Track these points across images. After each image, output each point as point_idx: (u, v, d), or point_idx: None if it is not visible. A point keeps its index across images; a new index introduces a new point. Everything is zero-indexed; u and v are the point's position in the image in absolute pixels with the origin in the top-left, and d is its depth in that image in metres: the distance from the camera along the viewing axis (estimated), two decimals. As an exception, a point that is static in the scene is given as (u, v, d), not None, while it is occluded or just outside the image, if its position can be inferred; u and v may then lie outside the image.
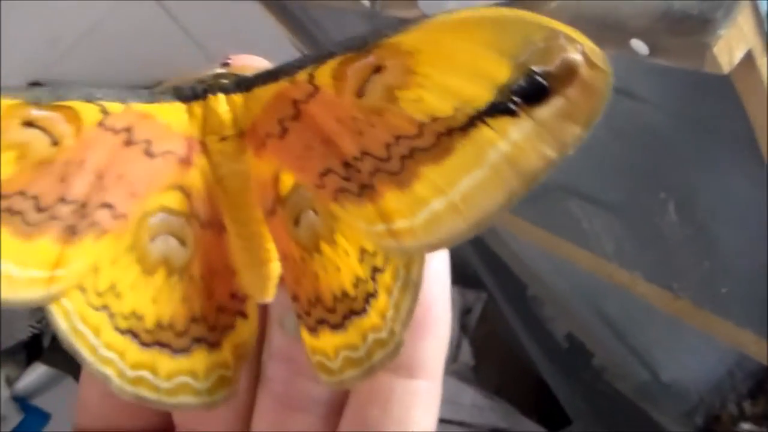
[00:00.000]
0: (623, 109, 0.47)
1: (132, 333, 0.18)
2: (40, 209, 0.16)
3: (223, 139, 0.18)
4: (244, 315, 0.19)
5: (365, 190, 0.16)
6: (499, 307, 0.99)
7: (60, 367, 1.02)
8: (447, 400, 1.00)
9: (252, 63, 0.18)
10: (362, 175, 0.16)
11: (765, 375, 0.80)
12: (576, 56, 0.14)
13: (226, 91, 0.17)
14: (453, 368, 1.08)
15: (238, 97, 0.17)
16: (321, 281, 0.18)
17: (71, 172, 0.16)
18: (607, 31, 0.35)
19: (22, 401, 1.06)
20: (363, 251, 0.17)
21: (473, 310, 1.17)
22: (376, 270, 0.17)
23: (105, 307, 0.18)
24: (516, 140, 0.15)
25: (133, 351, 0.18)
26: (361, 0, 0.51)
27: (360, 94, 0.16)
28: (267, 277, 0.18)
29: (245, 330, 0.19)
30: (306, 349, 0.18)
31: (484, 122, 0.15)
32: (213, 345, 0.18)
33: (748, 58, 0.33)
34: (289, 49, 0.85)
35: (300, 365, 0.18)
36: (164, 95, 0.17)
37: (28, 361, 1.01)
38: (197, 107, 0.17)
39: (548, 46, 0.14)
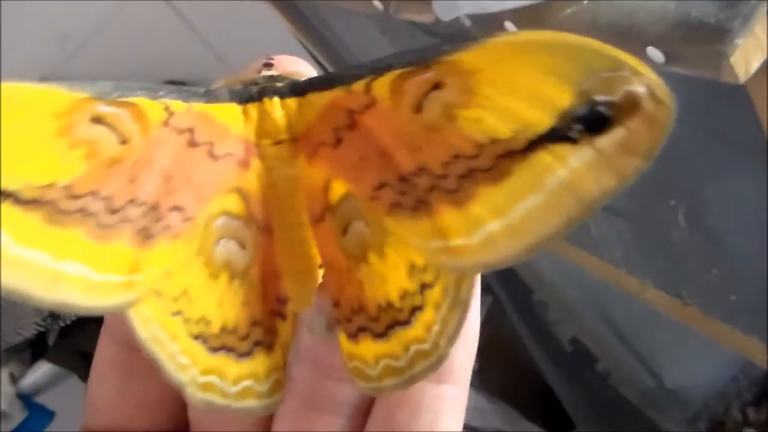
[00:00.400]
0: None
1: (202, 338, 0.18)
2: (112, 211, 0.16)
3: (277, 143, 0.17)
4: (283, 317, 0.19)
5: (421, 206, 0.16)
6: (503, 311, 0.99)
7: (64, 365, 1.02)
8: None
9: (295, 65, 0.18)
10: (418, 191, 0.16)
11: (770, 382, 0.80)
12: (640, 89, 0.14)
13: (281, 94, 0.17)
14: (457, 371, 1.08)
15: (292, 102, 0.17)
16: (366, 291, 0.18)
17: (140, 173, 0.16)
18: (622, 38, 0.35)
19: (26, 399, 1.07)
20: (413, 266, 0.17)
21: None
22: (425, 286, 0.17)
23: (180, 313, 0.17)
24: (575, 168, 0.14)
25: (203, 357, 0.18)
26: (373, 2, 0.51)
27: (418, 109, 0.16)
28: (308, 285, 0.18)
29: (285, 332, 0.19)
30: (343, 355, 0.18)
31: (544, 147, 0.15)
32: (269, 348, 0.18)
33: (764, 68, 0.33)
34: (298, 48, 0.85)
35: (327, 367, 0.18)
36: (220, 96, 0.17)
37: (33, 359, 1.01)
38: (252, 109, 0.17)
39: (613, 77, 0.14)
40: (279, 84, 0.17)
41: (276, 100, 0.17)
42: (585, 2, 0.38)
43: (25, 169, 0.15)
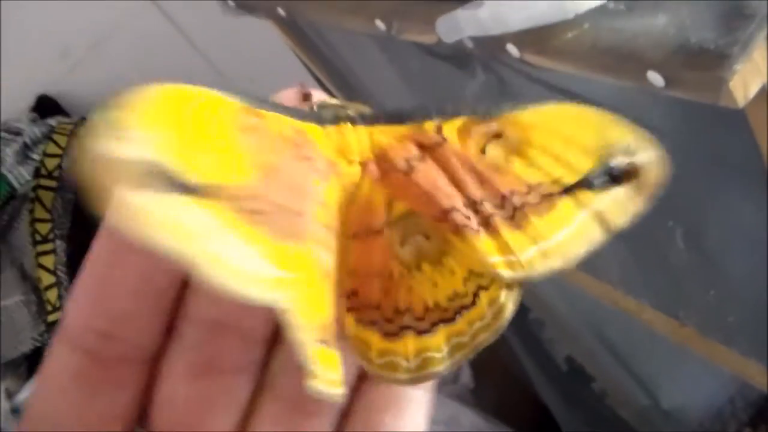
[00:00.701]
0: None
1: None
2: (262, 212, 0.17)
3: (350, 163, 0.20)
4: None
5: (485, 228, 0.19)
6: (500, 329, 0.99)
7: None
8: (446, 421, 0.99)
9: (327, 98, 0.21)
10: (482, 216, 0.19)
11: (766, 404, 0.80)
12: (646, 159, 0.19)
13: (352, 121, 0.20)
14: (452, 390, 1.08)
15: (362, 129, 0.20)
16: (414, 294, 0.20)
17: (276, 181, 0.18)
18: (623, 62, 0.36)
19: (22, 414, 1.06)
20: (471, 272, 0.19)
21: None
22: (481, 287, 0.19)
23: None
24: (597, 208, 0.19)
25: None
26: (376, 22, 0.51)
27: (483, 151, 0.20)
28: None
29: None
30: (371, 352, 0.19)
31: (575, 192, 0.19)
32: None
33: (762, 93, 0.33)
34: (296, 64, 0.85)
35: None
36: (305, 115, 0.20)
37: (29, 374, 1.01)
38: (332, 131, 0.20)
39: (629, 147, 0.19)
40: (349, 112, 0.20)
41: (349, 125, 0.20)
42: (586, 26, 0.38)
43: (214, 168, 0.17)
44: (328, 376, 0.18)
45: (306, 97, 0.20)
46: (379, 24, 0.51)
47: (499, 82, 0.50)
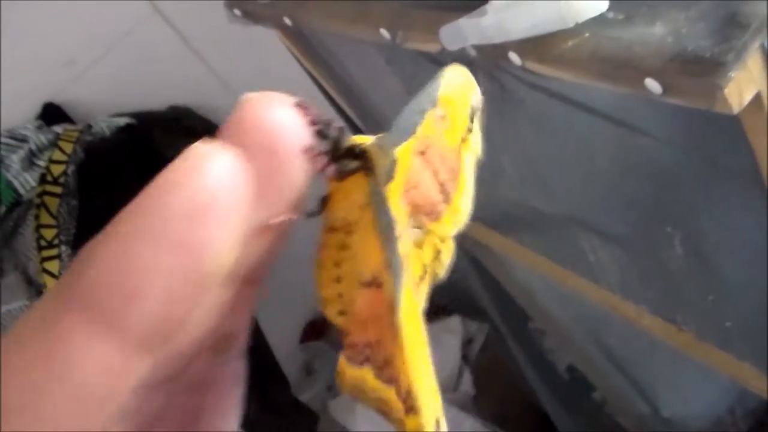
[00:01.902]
0: (632, 144, 0.49)
1: None
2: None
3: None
4: None
5: (447, 203, 0.20)
6: (501, 338, 0.99)
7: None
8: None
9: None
10: (445, 193, 0.20)
11: (765, 413, 0.81)
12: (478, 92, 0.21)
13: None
14: (454, 397, 1.09)
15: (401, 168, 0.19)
16: None
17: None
18: (622, 69, 0.37)
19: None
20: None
21: (475, 341, 1.18)
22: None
23: None
24: (473, 145, 0.21)
25: None
26: (380, 31, 0.52)
27: (442, 137, 0.20)
28: None
29: None
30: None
31: (467, 138, 0.21)
32: None
33: (757, 100, 0.34)
34: (302, 75, 0.86)
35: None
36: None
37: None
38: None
39: (474, 87, 0.21)
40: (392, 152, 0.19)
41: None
42: (586, 35, 0.39)
43: None
44: None
45: (306, 113, 0.17)
46: (384, 33, 0.52)
47: (501, 90, 0.51)
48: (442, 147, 0.20)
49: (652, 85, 0.35)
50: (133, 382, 0.14)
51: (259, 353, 1.06)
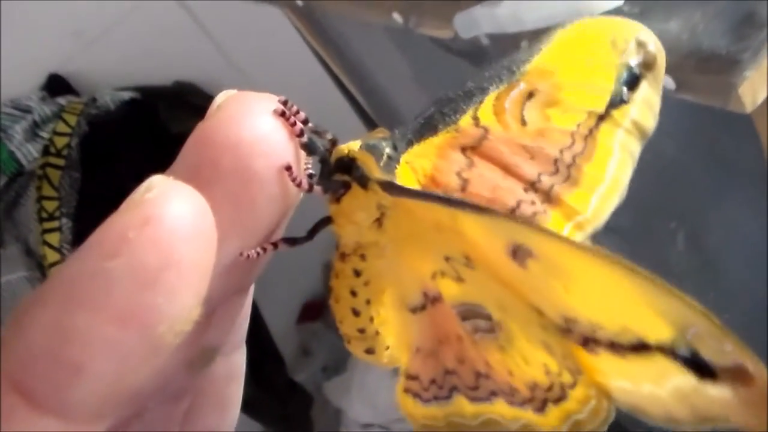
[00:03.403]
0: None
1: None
2: None
3: None
4: None
5: (549, 203, 0.18)
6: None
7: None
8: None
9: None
10: (542, 193, 0.18)
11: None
12: (653, 44, 0.17)
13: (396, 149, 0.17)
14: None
15: (407, 170, 0.17)
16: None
17: None
18: (636, 64, 0.37)
19: None
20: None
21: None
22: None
23: None
24: (633, 118, 0.18)
25: None
26: (393, 15, 0.52)
27: (523, 122, 0.17)
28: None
29: None
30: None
31: (611, 113, 0.18)
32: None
33: (770, 100, 0.34)
34: (308, 55, 0.86)
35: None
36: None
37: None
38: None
39: (638, 40, 0.17)
40: (388, 151, 0.16)
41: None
42: (601, 28, 0.39)
43: None
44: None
45: (292, 118, 0.14)
46: (397, 17, 0.52)
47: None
48: (524, 134, 0.17)
49: (666, 80, 0.35)
50: None
51: (256, 333, 1.06)
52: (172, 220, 0.12)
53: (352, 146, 0.16)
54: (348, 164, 0.16)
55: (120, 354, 0.12)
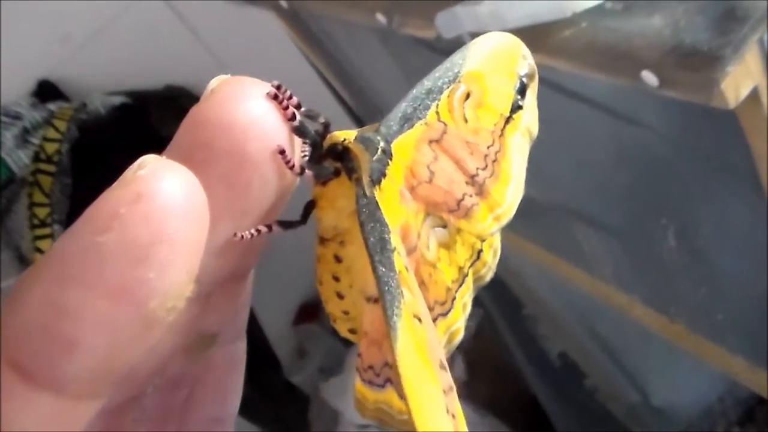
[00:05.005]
0: (628, 136, 0.48)
1: None
2: None
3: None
4: None
5: (480, 196, 0.19)
6: (493, 324, 0.99)
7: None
8: (438, 414, 1.00)
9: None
10: (477, 186, 0.19)
11: (755, 402, 0.81)
12: (530, 56, 0.20)
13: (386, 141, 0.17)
14: (445, 382, 1.09)
15: (397, 166, 0.18)
16: (431, 293, 0.19)
17: None
18: (619, 60, 0.36)
19: None
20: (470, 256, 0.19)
21: (468, 326, 1.18)
22: (461, 270, 0.19)
23: None
24: (525, 123, 0.20)
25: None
26: (377, 16, 0.52)
27: (465, 120, 0.19)
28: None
29: None
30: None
31: (512, 117, 0.20)
32: None
33: (754, 95, 0.34)
34: (296, 55, 0.86)
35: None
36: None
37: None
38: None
39: (523, 53, 0.20)
40: (382, 145, 0.17)
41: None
42: (583, 25, 0.39)
43: None
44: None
45: (285, 102, 0.15)
46: (380, 18, 0.51)
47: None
48: (467, 131, 0.19)
49: (649, 77, 0.35)
50: (83, 425, 0.13)
51: (252, 335, 1.05)
52: (163, 196, 0.12)
53: (348, 135, 0.17)
54: (341, 153, 0.16)
55: (112, 329, 0.12)
